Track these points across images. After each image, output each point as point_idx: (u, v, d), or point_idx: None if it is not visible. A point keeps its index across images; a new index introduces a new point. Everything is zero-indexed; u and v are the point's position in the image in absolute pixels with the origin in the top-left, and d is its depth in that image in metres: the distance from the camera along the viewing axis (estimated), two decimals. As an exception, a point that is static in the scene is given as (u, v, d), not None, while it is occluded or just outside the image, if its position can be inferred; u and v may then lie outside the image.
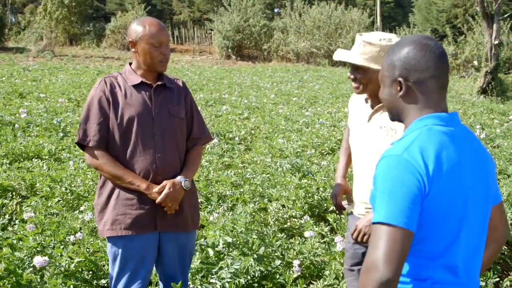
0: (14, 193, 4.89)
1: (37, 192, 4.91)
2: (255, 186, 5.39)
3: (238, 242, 3.81)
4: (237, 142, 7.88)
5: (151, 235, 2.65)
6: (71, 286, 3.26)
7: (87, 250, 3.76)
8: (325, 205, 5.16)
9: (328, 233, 4.55)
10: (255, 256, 3.65)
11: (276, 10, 37.89)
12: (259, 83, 16.50)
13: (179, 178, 2.65)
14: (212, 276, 3.44)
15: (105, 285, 3.48)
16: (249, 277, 3.54)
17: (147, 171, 2.62)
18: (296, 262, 3.71)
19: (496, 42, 16.14)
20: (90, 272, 3.57)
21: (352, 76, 2.63)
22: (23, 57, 22.68)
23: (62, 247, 3.66)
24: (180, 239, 2.75)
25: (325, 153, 7.46)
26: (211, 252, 3.60)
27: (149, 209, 2.62)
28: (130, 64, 2.78)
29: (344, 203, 3.03)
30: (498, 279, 4.01)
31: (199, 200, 3.03)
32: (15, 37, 30.88)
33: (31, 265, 3.26)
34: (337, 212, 3.06)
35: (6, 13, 33.27)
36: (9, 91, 11.22)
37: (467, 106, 13.33)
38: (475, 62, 20.18)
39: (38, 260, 3.20)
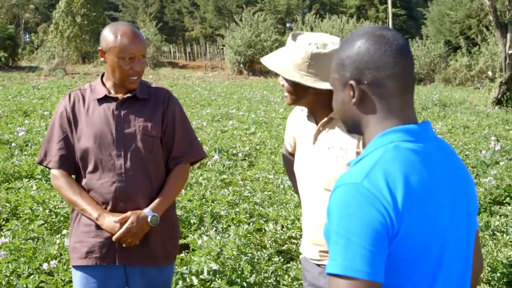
0: (-3, 216, 4.65)
1: (21, 215, 4.66)
2: (253, 205, 5.09)
3: (226, 268, 3.51)
4: (240, 158, 7.59)
5: (112, 268, 2.30)
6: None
7: (62, 279, 3.47)
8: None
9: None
10: (244, 284, 3.34)
11: (288, 25, 37.76)
12: (269, 98, 16.26)
13: (146, 212, 2.23)
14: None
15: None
16: (237, 308, 3.24)
17: (105, 199, 2.27)
18: (289, 291, 3.40)
19: (511, 51, 15.71)
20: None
21: (281, 83, 2.06)
22: (35, 75, 22.78)
23: (33, 276, 3.37)
24: (148, 274, 2.34)
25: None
26: (195, 281, 3.30)
27: (108, 237, 2.26)
28: (103, 75, 2.44)
29: None
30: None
31: (179, 228, 2.64)
32: (29, 56, 31.17)
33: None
34: None
35: (19, 33, 33.69)
36: (13, 109, 11.12)
37: (481, 117, 12.91)
38: (490, 73, 19.72)
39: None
